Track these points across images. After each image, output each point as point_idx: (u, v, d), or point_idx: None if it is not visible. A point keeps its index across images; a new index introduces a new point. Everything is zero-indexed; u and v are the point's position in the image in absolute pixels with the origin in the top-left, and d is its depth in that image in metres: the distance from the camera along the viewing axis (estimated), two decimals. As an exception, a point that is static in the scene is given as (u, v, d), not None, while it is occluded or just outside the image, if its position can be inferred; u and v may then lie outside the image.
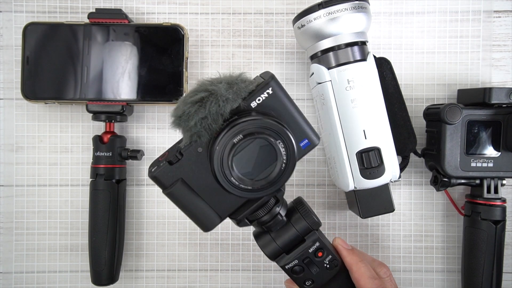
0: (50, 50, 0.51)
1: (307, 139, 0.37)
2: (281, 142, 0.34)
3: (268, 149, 0.34)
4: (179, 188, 0.36)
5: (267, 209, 0.39)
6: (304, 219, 0.41)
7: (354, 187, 0.48)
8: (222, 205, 0.38)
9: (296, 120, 0.37)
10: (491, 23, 0.55)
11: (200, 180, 0.36)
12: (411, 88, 0.56)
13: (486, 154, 0.50)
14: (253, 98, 0.35)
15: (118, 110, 0.51)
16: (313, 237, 0.41)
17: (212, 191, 0.37)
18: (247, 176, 0.35)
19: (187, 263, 0.56)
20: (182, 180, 0.36)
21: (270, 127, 0.34)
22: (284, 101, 0.36)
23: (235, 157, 0.34)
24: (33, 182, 0.56)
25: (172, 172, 0.36)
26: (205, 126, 0.34)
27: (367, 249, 0.56)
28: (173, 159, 0.36)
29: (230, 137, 0.34)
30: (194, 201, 0.37)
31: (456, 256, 0.56)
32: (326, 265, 0.42)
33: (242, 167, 0.34)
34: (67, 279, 0.56)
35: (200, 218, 0.38)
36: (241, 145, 0.34)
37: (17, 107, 0.55)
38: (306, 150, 0.38)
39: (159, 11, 0.55)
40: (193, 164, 0.36)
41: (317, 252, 0.41)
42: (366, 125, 0.47)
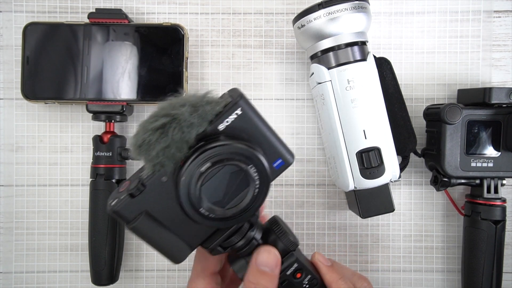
0: (50, 50, 0.51)
1: (281, 159, 0.35)
2: (253, 166, 0.32)
3: (239, 175, 0.32)
4: (144, 222, 0.33)
5: (241, 234, 0.36)
6: (281, 240, 0.38)
7: (354, 187, 0.48)
8: (192, 235, 0.35)
9: (268, 139, 0.34)
10: (491, 23, 0.55)
11: (166, 211, 0.34)
12: (411, 88, 0.56)
13: (486, 154, 0.50)
14: (221, 121, 0.32)
15: (118, 110, 0.51)
16: (290, 259, 0.39)
17: (180, 221, 0.34)
18: (218, 205, 0.32)
19: (187, 263, 0.56)
20: (147, 212, 0.33)
21: (240, 152, 0.32)
22: (255, 121, 0.33)
23: (203, 187, 0.31)
24: (33, 182, 0.56)
25: (135, 205, 0.33)
26: (169, 155, 0.31)
27: (367, 249, 0.56)
28: (135, 192, 0.33)
29: (197, 165, 0.31)
30: (161, 234, 0.34)
31: (456, 256, 0.56)
32: (305, 286, 0.40)
33: (212, 196, 0.32)
34: (67, 279, 0.56)
35: (169, 251, 0.35)
36: (209, 174, 0.31)
37: (17, 107, 0.55)
38: (280, 170, 0.35)
39: (159, 11, 0.55)
40: (158, 194, 0.33)
41: (295, 273, 0.39)
42: (366, 125, 0.47)
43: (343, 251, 0.56)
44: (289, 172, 0.56)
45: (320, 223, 0.56)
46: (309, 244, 0.56)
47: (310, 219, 0.56)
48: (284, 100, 0.55)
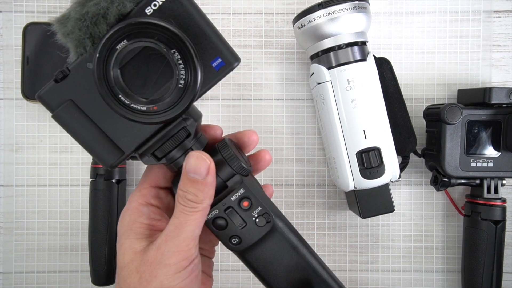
0: (50, 50, 0.51)
1: (220, 58, 0.31)
2: (177, 53, 0.28)
3: (161, 61, 0.29)
4: (68, 111, 0.31)
5: (176, 141, 0.32)
6: (228, 163, 0.33)
7: (354, 187, 0.48)
8: (124, 137, 0.32)
9: (205, 32, 0.30)
10: (491, 23, 0.55)
11: (92, 103, 0.31)
12: (411, 88, 0.56)
13: (486, 154, 0.50)
14: (147, 4, 0.29)
15: (118, 110, 0.51)
16: (235, 181, 0.34)
17: (110, 117, 0.31)
18: (139, 93, 0.29)
19: (187, 263, 0.56)
20: (72, 101, 0.31)
21: (161, 32, 0.28)
22: (188, 8, 0.30)
23: (122, 69, 0.28)
24: (33, 182, 0.56)
25: (59, 91, 0.30)
26: (85, 31, 0.28)
27: (367, 249, 0.56)
28: (58, 76, 0.30)
29: (112, 41, 0.28)
30: (88, 128, 0.31)
31: (456, 256, 0.56)
32: (254, 219, 0.34)
33: (131, 82, 0.29)
34: (67, 279, 0.56)
35: (97, 151, 0.32)
36: (127, 53, 0.28)
37: (17, 107, 0.55)
38: (220, 71, 0.31)
39: (159, 11, 0.55)
40: (83, 82, 0.30)
41: (242, 201, 0.34)
42: (366, 125, 0.47)
43: (343, 251, 0.56)
44: (289, 172, 0.56)
45: (320, 223, 0.56)
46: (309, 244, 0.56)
47: (310, 219, 0.56)
48: (284, 100, 0.55)
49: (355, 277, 0.56)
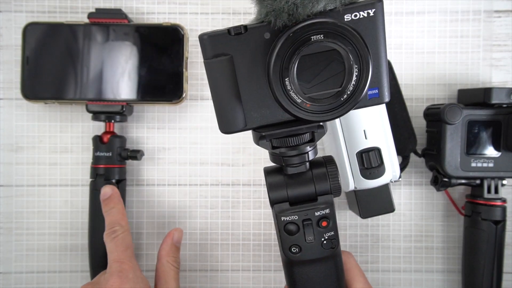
0: (50, 50, 0.51)
1: (378, 90, 0.32)
2: (357, 70, 0.29)
3: (339, 70, 0.29)
4: (223, 65, 0.31)
5: (298, 141, 0.33)
6: (329, 179, 0.35)
7: (354, 187, 0.48)
8: (255, 112, 0.32)
9: (380, 61, 0.31)
10: (491, 23, 0.55)
11: (249, 70, 0.31)
12: (411, 88, 0.55)
13: (487, 154, 0.50)
14: (351, 11, 0.30)
15: (118, 110, 0.51)
16: (327, 200, 0.35)
17: (256, 90, 0.31)
18: (303, 86, 0.29)
19: (188, 263, 0.56)
20: (231, 58, 0.31)
21: (357, 46, 0.29)
22: (379, 32, 0.30)
23: (303, 57, 0.29)
24: (33, 182, 0.56)
25: (226, 42, 0.30)
26: (291, 6, 0.28)
27: (367, 249, 0.56)
28: (234, 30, 0.30)
29: (309, 31, 0.28)
30: (229, 89, 0.31)
31: (456, 257, 0.56)
32: (323, 240, 0.36)
33: (303, 74, 0.29)
34: (67, 279, 0.56)
35: (224, 113, 0.32)
36: (316, 46, 0.28)
37: (17, 107, 0.55)
38: (370, 102, 0.32)
39: (159, 11, 0.55)
40: (253, 47, 0.30)
41: (322, 219, 0.35)
42: (366, 125, 0.47)
43: (343, 251, 0.56)
44: (289, 172, 0.56)
45: (320, 223, 0.56)
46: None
47: (310, 219, 0.56)
48: (284, 100, 0.55)
49: (355, 277, 0.56)
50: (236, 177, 0.56)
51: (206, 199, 0.56)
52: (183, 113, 0.56)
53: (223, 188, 0.56)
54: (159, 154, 0.56)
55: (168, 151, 0.56)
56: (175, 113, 0.56)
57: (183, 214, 0.56)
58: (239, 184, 0.56)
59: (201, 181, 0.56)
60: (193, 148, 0.56)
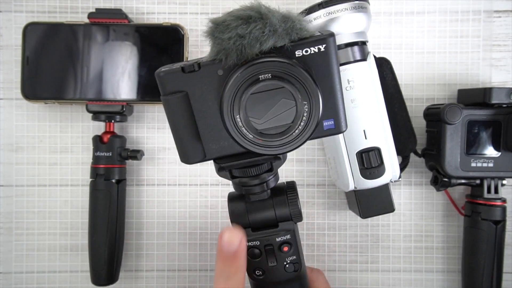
0: (50, 50, 0.51)
1: (333, 121, 0.32)
2: (307, 106, 0.30)
3: (288, 106, 0.30)
4: (179, 101, 0.32)
5: (257, 171, 0.34)
6: (289, 205, 0.36)
7: (354, 187, 0.48)
8: (213, 144, 0.33)
9: (334, 94, 0.31)
10: (491, 23, 0.55)
11: (204, 105, 0.32)
12: (411, 88, 0.55)
13: (486, 154, 0.50)
14: (301, 47, 0.30)
15: (118, 110, 0.51)
16: (287, 227, 0.36)
17: (211, 124, 0.32)
18: (254, 122, 0.30)
19: (187, 263, 0.56)
20: (186, 94, 0.32)
21: (305, 84, 0.29)
22: (332, 67, 0.31)
23: (252, 95, 0.29)
24: (33, 182, 0.56)
25: (181, 80, 0.31)
26: (239, 46, 0.29)
27: (367, 249, 0.56)
28: (188, 68, 0.31)
29: (258, 71, 0.29)
30: (187, 123, 0.32)
31: (456, 257, 0.56)
32: (285, 264, 0.37)
33: (253, 110, 0.30)
34: (67, 279, 0.56)
35: (184, 145, 0.33)
36: (265, 85, 0.29)
37: (17, 107, 0.55)
38: (326, 132, 0.33)
39: (159, 11, 0.55)
40: (207, 84, 0.31)
41: (283, 244, 0.36)
42: (366, 125, 0.47)
43: (343, 251, 0.56)
44: (289, 172, 0.56)
45: (320, 223, 0.56)
46: (309, 244, 0.56)
47: (310, 219, 0.56)
48: (284, 100, 0.55)
49: (355, 277, 0.56)
50: (236, 177, 0.56)
51: (206, 199, 0.56)
52: (183, 113, 0.56)
53: (223, 188, 0.56)
54: (159, 154, 0.56)
55: (168, 151, 0.56)
56: (175, 113, 0.56)
57: (183, 214, 0.56)
58: (239, 184, 0.56)
59: (201, 181, 0.56)
60: (193, 148, 0.56)
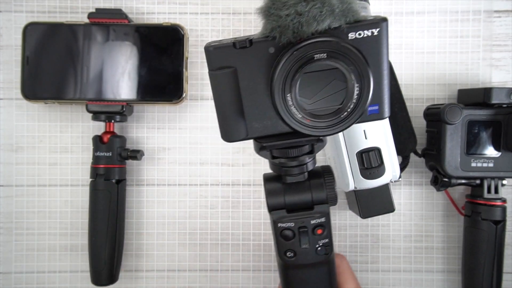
0: (50, 50, 0.51)
1: (378, 106, 0.32)
2: (358, 89, 0.30)
3: (339, 88, 0.30)
4: (227, 77, 0.31)
5: (297, 153, 0.34)
6: (326, 188, 0.36)
7: (354, 187, 0.48)
8: (257, 123, 0.33)
9: (382, 79, 0.31)
10: (491, 23, 0.55)
11: (252, 83, 0.31)
12: (411, 88, 0.55)
13: (487, 154, 0.50)
14: (355, 29, 0.30)
15: (118, 110, 0.51)
16: (323, 209, 0.36)
17: (258, 102, 0.32)
18: (304, 102, 0.30)
19: (187, 263, 0.56)
20: (235, 70, 0.31)
21: (359, 66, 0.29)
22: (382, 51, 0.31)
23: (305, 75, 0.29)
24: (33, 182, 0.56)
25: (231, 55, 0.31)
26: (296, 24, 0.29)
27: (367, 249, 0.56)
28: (240, 44, 0.30)
29: (313, 50, 0.29)
30: (232, 100, 0.32)
31: (456, 257, 0.56)
32: (317, 247, 0.37)
33: (304, 90, 0.30)
34: (67, 279, 0.56)
35: (227, 123, 0.33)
36: (319, 65, 0.29)
37: (17, 107, 0.55)
38: (369, 117, 0.32)
39: (159, 11, 0.55)
40: (257, 61, 0.31)
41: (317, 227, 0.36)
42: (366, 125, 0.47)
43: (343, 251, 0.56)
44: (289, 172, 0.56)
45: (320, 223, 0.56)
46: None
47: (310, 219, 0.56)
48: (284, 100, 0.55)
49: (355, 277, 0.56)
50: (236, 177, 0.56)
51: (206, 199, 0.56)
52: (183, 113, 0.56)
53: (223, 188, 0.56)
54: (159, 154, 0.56)
55: (168, 151, 0.56)
56: (175, 113, 0.56)
57: (183, 214, 0.56)
58: (239, 184, 0.56)
59: (201, 181, 0.56)
60: (193, 148, 0.56)
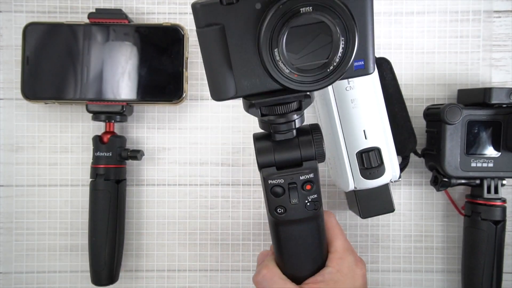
0: (50, 50, 0.51)
1: (363, 62, 0.32)
2: (344, 42, 0.30)
3: (325, 42, 0.30)
4: (215, 34, 0.31)
5: (286, 109, 0.34)
6: (314, 145, 0.37)
7: (354, 187, 0.48)
8: (245, 80, 0.33)
9: (367, 34, 0.32)
10: (491, 23, 0.55)
11: (240, 39, 0.31)
12: (411, 88, 0.55)
13: (486, 154, 0.50)
14: None
15: (118, 110, 0.51)
16: (311, 165, 0.37)
17: (246, 59, 0.32)
18: (291, 57, 0.30)
19: (187, 263, 0.56)
20: (223, 27, 0.31)
21: (344, 19, 0.30)
22: (367, 6, 0.31)
23: (291, 29, 0.29)
24: (33, 182, 0.56)
25: (218, 12, 0.31)
26: None
27: (367, 249, 0.56)
28: (226, 0, 0.30)
29: (300, 3, 0.29)
30: (220, 58, 0.32)
31: (456, 257, 0.56)
32: (306, 202, 0.38)
33: (291, 45, 0.30)
34: (67, 279, 0.56)
35: (216, 81, 0.33)
36: (305, 19, 0.29)
37: (17, 107, 0.55)
38: (355, 73, 0.32)
39: (159, 11, 0.55)
40: (244, 17, 0.31)
41: (306, 183, 0.37)
42: (366, 125, 0.47)
43: (343, 251, 0.56)
44: (289, 172, 0.56)
45: (320, 223, 0.56)
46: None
47: (310, 219, 0.56)
48: (284, 100, 0.55)
49: (355, 277, 0.56)
50: (236, 177, 0.56)
51: (206, 199, 0.56)
52: (183, 113, 0.56)
53: (223, 188, 0.56)
54: (159, 154, 0.56)
55: (168, 151, 0.56)
56: (175, 113, 0.56)
57: (183, 214, 0.56)
58: (239, 184, 0.56)
59: (201, 181, 0.56)
60: (193, 148, 0.56)
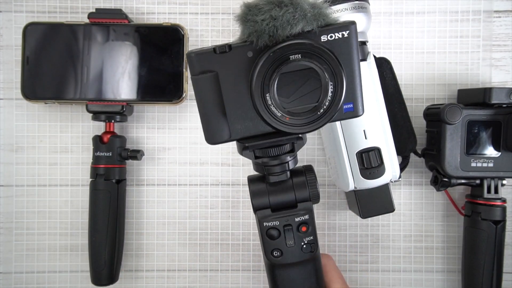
0: (50, 50, 0.51)
1: (352, 104, 0.34)
2: (333, 86, 0.32)
3: (315, 86, 0.32)
4: (209, 81, 0.33)
5: (279, 151, 0.35)
6: (308, 186, 0.38)
7: (354, 187, 0.48)
8: (239, 124, 0.34)
9: (354, 78, 0.33)
10: (491, 23, 0.55)
11: (233, 86, 0.33)
12: (411, 88, 0.56)
13: (486, 154, 0.50)
14: (327, 32, 0.32)
15: (118, 110, 0.51)
16: (306, 206, 0.38)
17: (239, 104, 0.34)
18: (282, 101, 0.32)
19: (187, 263, 0.56)
20: (216, 74, 0.33)
21: (332, 65, 0.31)
22: (353, 52, 0.33)
23: (282, 75, 0.31)
24: (33, 182, 0.56)
25: (211, 60, 0.33)
26: (271, 28, 0.31)
27: (367, 249, 0.56)
28: (219, 49, 0.32)
29: (289, 51, 0.31)
30: (214, 102, 0.34)
31: (456, 256, 0.56)
32: (303, 245, 0.38)
33: (282, 90, 0.32)
34: (67, 279, 0.56)
35: (210, 125, 0.34)
36: (294, 65, 0.31)
37: (17, 107, 0.55)
38: (345, 115, 0.34)
39: (159, 11, 0.55)
40: (237, 65, 0.33)
41: (302, 225, 0.38)
42: (366, 125, 0.47)
43: (343, 251, 0.56)
44: (289, 172, 0.56)
45: (320, 223, 0.56)
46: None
47: (310, 219, 0.56)
48: (284, 100, 0.55)
49: (355, 277, 0.56)
50: (236, 177, 0.56)
51: (206, 199, 0.56)
52: (183, 113, 0.56)
53: (223, 188, 0.56)
54: (159, 154, 0.56)
55: (168, 151, 0.56)
56: (175, 113, 0.56)
57: (183, 214, 0.56)
58: (239, 184, 0.56)
59: (201, 181, 0.56)
60: (193, 148, 0.56)
